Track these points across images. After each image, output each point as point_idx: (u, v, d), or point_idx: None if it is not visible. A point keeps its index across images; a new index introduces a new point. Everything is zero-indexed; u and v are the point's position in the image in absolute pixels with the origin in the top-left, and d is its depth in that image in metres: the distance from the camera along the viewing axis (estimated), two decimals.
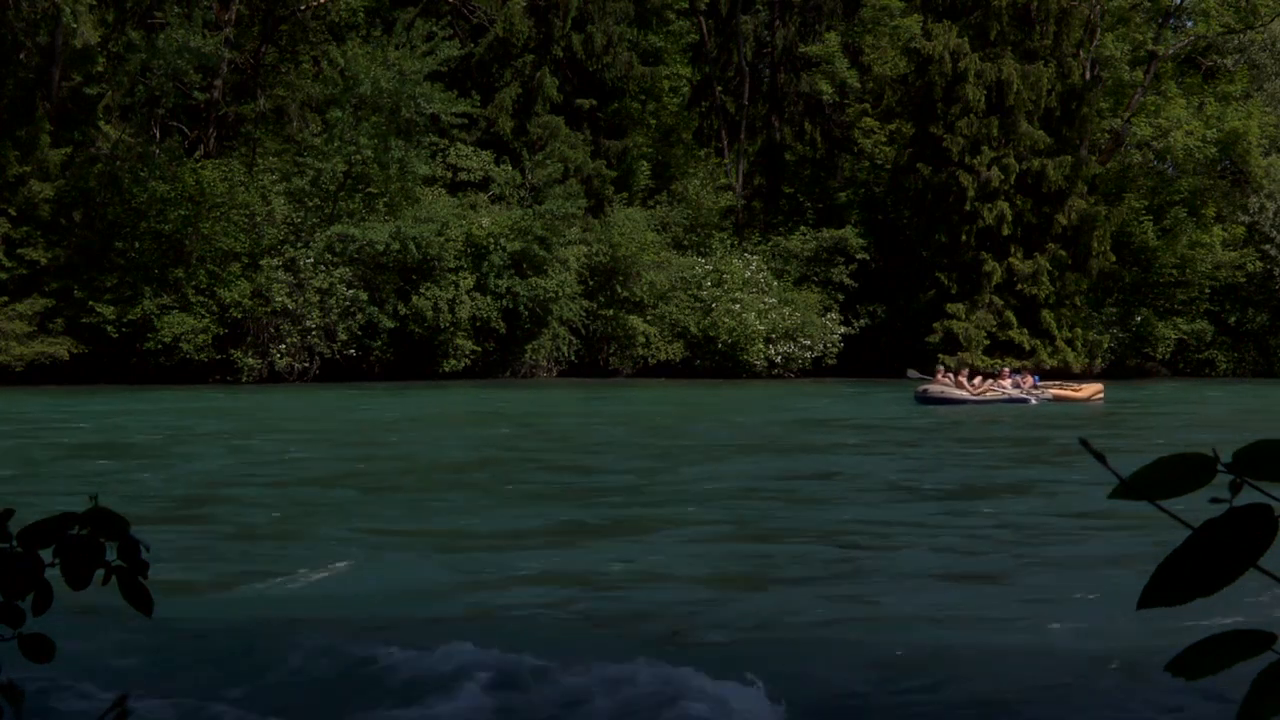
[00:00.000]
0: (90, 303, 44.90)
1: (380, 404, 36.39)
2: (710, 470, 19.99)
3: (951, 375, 37.28)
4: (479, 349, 49.31)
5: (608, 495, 17.20)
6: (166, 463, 21.29)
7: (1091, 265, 55.53)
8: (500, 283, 48.94)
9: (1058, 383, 40.58)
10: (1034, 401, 36.37)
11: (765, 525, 14.75)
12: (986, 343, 54.23)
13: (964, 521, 15.03)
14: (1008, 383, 37.67)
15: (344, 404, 36.19)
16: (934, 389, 36.02)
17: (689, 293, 53.67)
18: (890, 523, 14.73)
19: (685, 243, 55.92)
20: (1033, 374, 38.89)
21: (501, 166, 51.84)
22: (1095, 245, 55.27)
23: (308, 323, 46.61)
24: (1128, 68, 60.34)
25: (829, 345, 54.95)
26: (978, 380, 37.22)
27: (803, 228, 57.65)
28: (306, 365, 47.17)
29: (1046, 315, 54.88)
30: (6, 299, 44.38)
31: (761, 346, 53.32)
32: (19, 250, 45.14)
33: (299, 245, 47.18)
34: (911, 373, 38.96)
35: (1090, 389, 38.98)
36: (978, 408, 34.59)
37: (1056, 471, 19.82)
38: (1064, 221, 55.05)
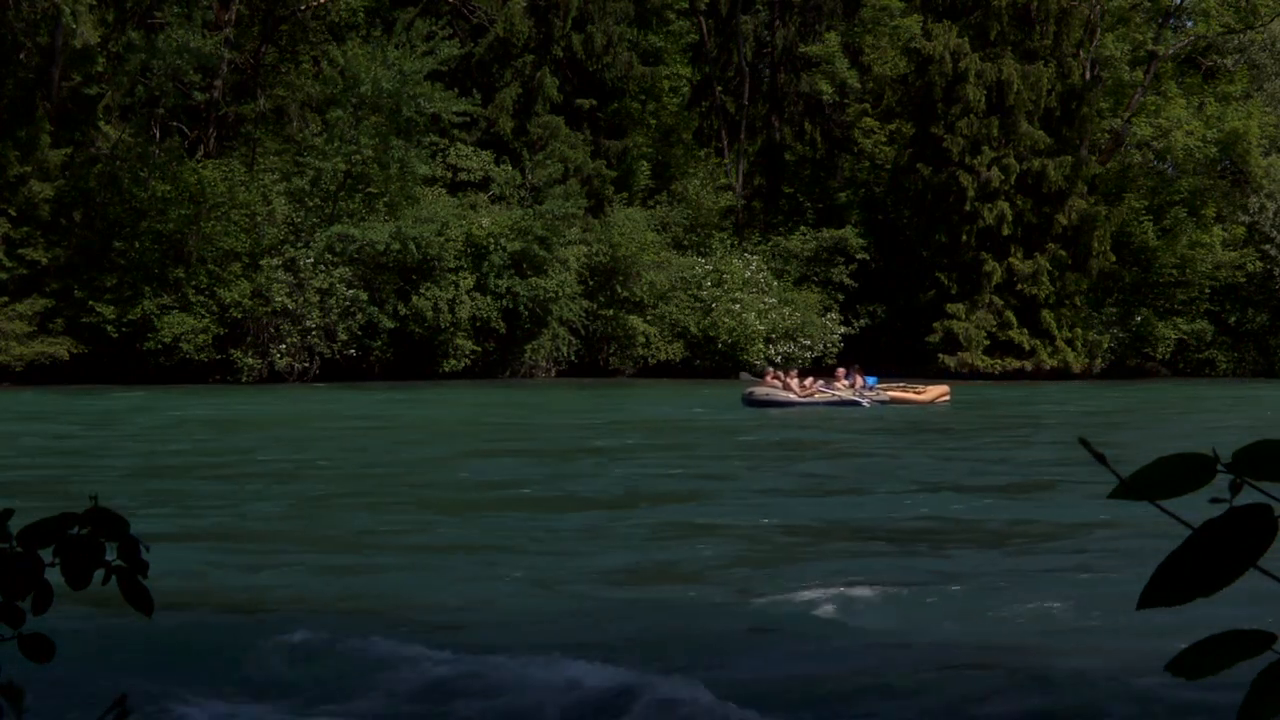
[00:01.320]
0: (90, 303, 44.88)
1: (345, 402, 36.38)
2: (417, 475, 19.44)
3: (781, 377, 35.34)
4: (479, 349, 49.30)
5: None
6: (162, 460, 21.30)
7: (1091, 265, 55.55)
8: (500, 283, 48.93)
9: (900, 384, 38.52)
10: (866, 404, 34.59)
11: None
12: (986, 343, 54.26)
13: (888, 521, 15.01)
14: (842, 384, 35.74)
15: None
16: (759, 391, 34.36)
17: (689, 293, 53.67)
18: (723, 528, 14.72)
19: (685, 243, 55.92)
20: (864, 375, 36.78)
21: (501, 166, 51.83)
22: (1095, 245, 55.29)
23: (308, 323, 46.59)
24: (1128, 68, 60.34)
25: (829, 345, 54.95)
26: (808, 381, 35.40)
27: (803, 228, 57.66)
28: (306, 365, 47.16)
29: (1046, 315, 54.89)
30: (6, 299, 44.35)
31: (761, 346, 53.32)
32: (19, 250, 45.11)
33: (299, 245, 47.17)
34: (744, 374, 36.51)
35: (934, 391, 36.81)
36: (805, 410, 33.21)
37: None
38: (1064, 221, 55.06)
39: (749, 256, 55.35)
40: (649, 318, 52.92)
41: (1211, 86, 62.61)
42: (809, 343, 54.26)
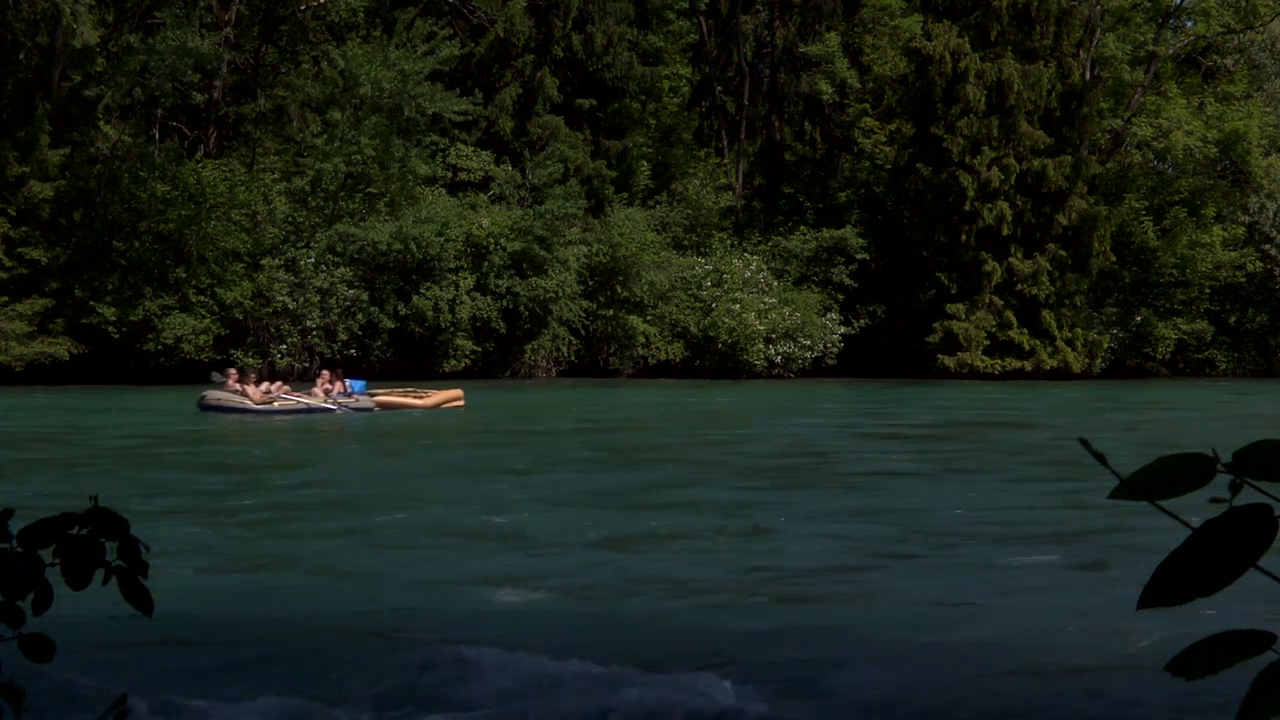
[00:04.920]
0: (91, 303, 44.90)
1: None
2: None
3: (240, 380, 31.84)
4: (479, 349, 49.33)
5: None
6: (158, 461, 21.30)
7: (1091, 265, 55.55)
8: (500, 283, 48.95)
9: (401, 389, 34.75)
10: (339, 411, 31.26)
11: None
12: (986, 343, 54.25)
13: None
14: (320, 391, 32.24)
15: None
16: (211, 395, 31.01)
17: (689, 293, 53.67)
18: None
19: (685, 243, 55.92)
20: (347, 380, 33.28)
21: (502, 166, 51.85)
22: (1095, 245, 55.29)
23: (308, 323, 46.61)
24: (1128, 68, 60.38)
25: (829, 345, 54.95)
26: (276, 386, 32.09)
27: (803, 228, 57.66)
28: (307, 365, 47.18)
29: (1046, 315, 54.88)
30: (6, 299, 44.36)
31: (761, 346, 53.32)
32: (19, 250, 45.12)
33: (300, 245, 47.21)
34: (215, 375, 32.83)
35: (442, 396, 33.23)
36: (263, 417, 30.21)
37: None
38: (1064, 221, 55.06)
39: (749, 256, 55.35)
40: (649, 318, 52.92)
41: (1211, 86, 62.64)
42: (809, 343, 54.26)
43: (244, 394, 30.99)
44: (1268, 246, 59.70)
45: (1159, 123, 59.05)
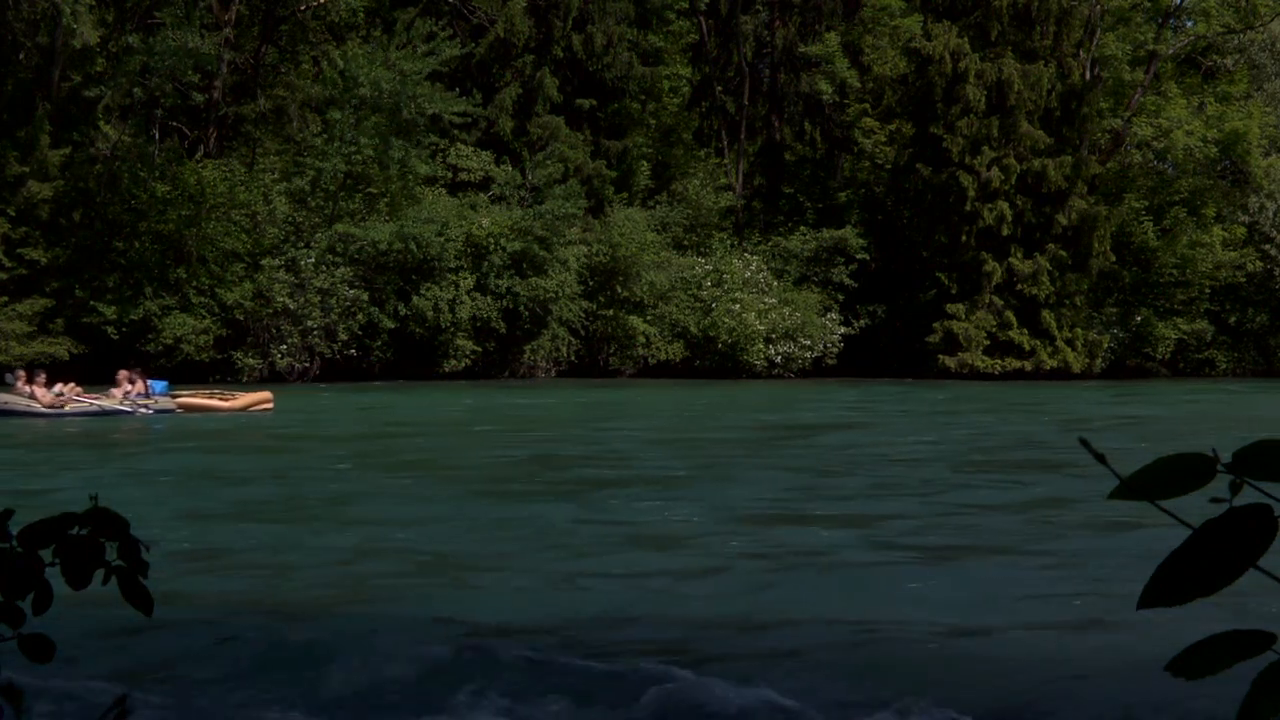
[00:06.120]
0: (91, 303, 44.92)
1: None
2: None
3: (31, 382, 29.93)
4: (479, 349, 49.32)
5: None
6: (156, 461, 21.29)
7: (1091, 265, 55.54)
8: (500, 283, 48.95)
9: (205, 390, 33.20)
10: (137, 413, 29.80)
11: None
12: (986, 343, 54.23)
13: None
14: (118, 392, 30.58)
15: None
16: None
17: (689, 293, 53.67)
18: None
19: (685, 243, 55.93)
20: (149, 380, 31.65)
21: (502, 166, 51.86)
22: (1095, 245, 55.28)
23: (309, 323, 46.61)
24: (1128, 68, 60.40)
25: (829, 345, 54.95)
26: (69, 388, 30.34)
27: (803, 228, 57.66)
28: (307, 365, 47.21)
29: (1046, 315, 54.87)
30: (6, 299, 44.38)
31: (761, 347, 53.33)
32: (19, 250, 45.15)
33: (300, 245, 47.22)
34: (7, 376, 30.72)
35: (249, 399, 31.73)
36: (57, 421, 28.44)
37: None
38: (1064, 221, 55.05)
39: (749, 256, 55.36)
40: (649, 318, 52.92)
41: (1211, 86, 62.64)
42: (809, 343, 54.26)
43: (32, 396, 29.35)
44: (1268, 246, 59.70)
45: (1159, 123, 59.06)
